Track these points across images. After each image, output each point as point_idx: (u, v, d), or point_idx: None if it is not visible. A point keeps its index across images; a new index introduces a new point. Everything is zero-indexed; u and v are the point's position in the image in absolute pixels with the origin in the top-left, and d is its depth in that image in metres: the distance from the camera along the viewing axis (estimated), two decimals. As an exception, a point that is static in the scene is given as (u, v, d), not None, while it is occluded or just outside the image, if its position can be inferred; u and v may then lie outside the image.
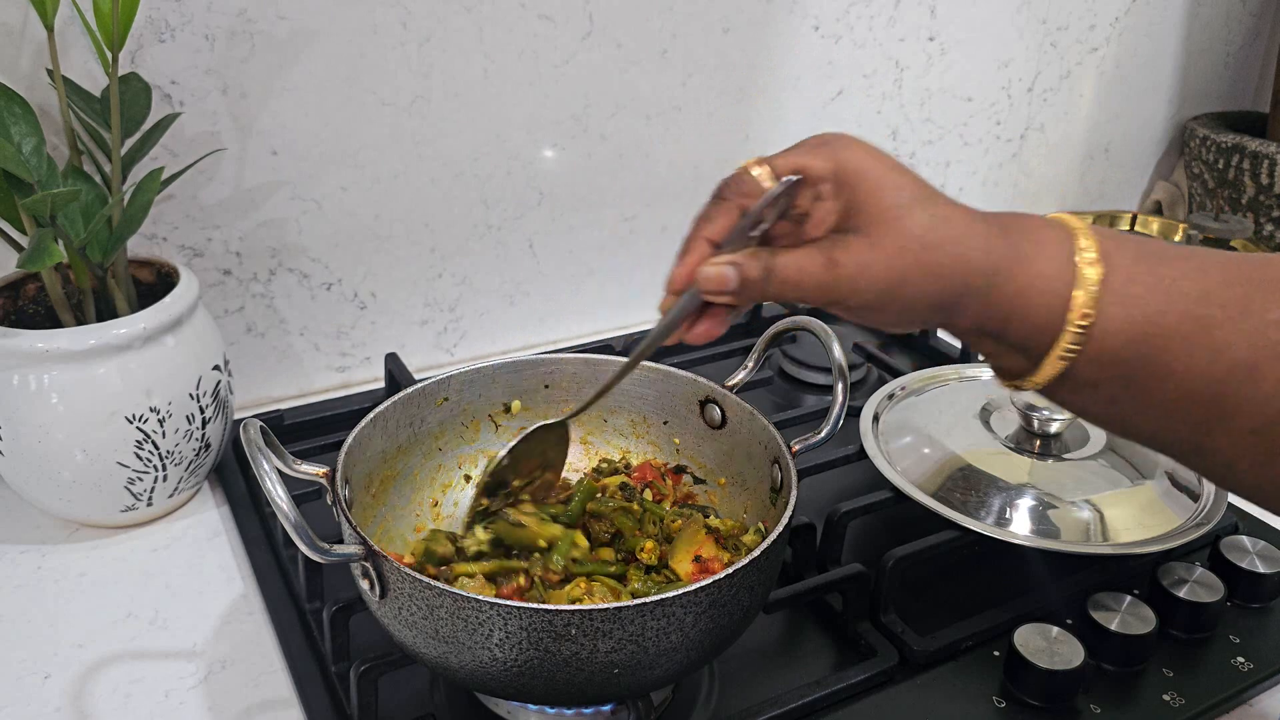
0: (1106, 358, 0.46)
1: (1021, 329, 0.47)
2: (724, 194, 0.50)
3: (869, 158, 0.47)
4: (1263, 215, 1.24)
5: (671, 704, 0.61)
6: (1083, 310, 0.45)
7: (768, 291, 0.47)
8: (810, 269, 0.46)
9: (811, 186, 0.48)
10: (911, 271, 0.45)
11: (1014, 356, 0.48)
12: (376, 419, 0.63)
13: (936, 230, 0.46)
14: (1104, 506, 0.71)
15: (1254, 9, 1.38)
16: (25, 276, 0.75)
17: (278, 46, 0.80)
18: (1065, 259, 0.46)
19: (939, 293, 0.46)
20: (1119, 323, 0.45)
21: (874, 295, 0.46)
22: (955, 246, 0.46)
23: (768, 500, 0.64)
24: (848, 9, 1.05)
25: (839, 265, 0.46)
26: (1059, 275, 0.46)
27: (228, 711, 0.61)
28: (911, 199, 0.46)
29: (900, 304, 0.46)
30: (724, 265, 0.47)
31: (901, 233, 0.45)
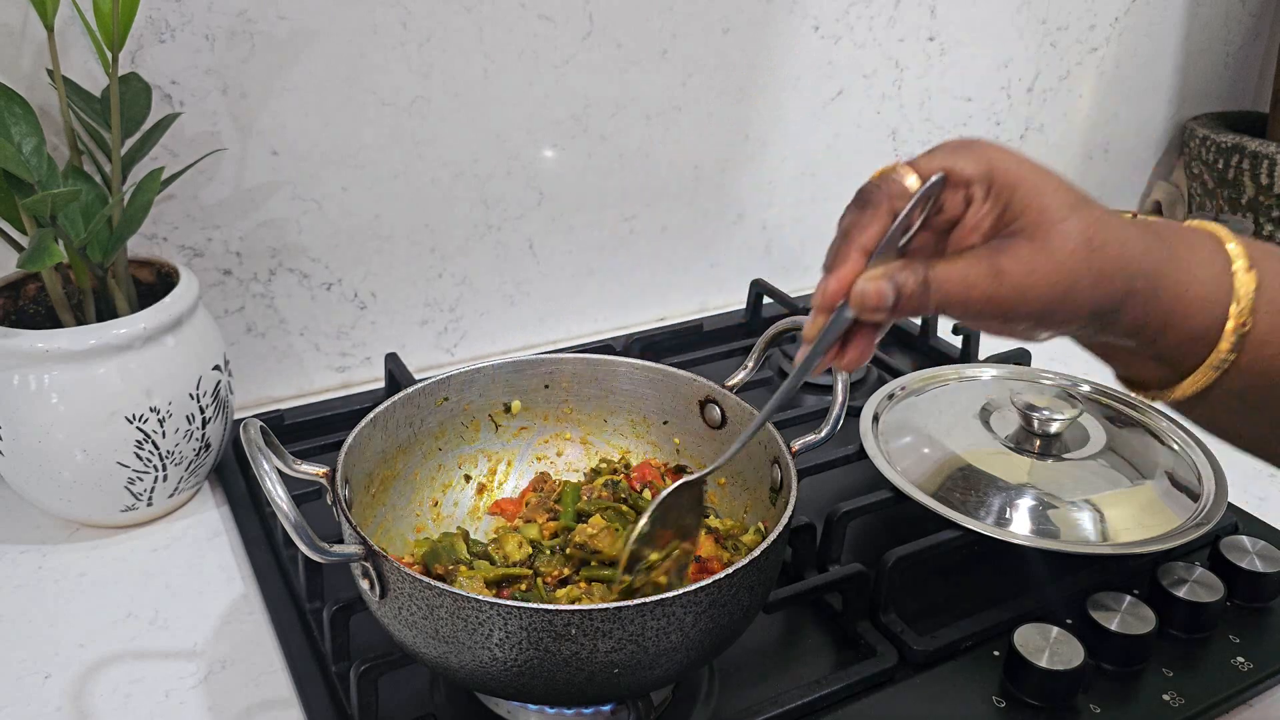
0: (1258, 366, 0.45)
1: (1177, 335, 0.45)
2: (871, 198, 0.46)
3: (1019, 160, 0.45)
4: (1262, 215, 1.24)
5: (671, 704, 0.61)
6: (1240, 319, 0.44)
7: (927, 305, 0.44)
8: (975, 279, 0.44)
9: (959, 189, 0.46)
10: (1081, 275, 0.43)
11: (1154, 366, 0.47)
12: (376, 419, 0.63)
13: (1101, 232, 0.44)
14: (1104, 506, 0.71)
15: (1254, 9, 1.38)
16: (25, 276, 0.75)
17: (278, 46, 0.80)
18: (1220, 266, 0.45)
19: (1106, 296, 0.44)
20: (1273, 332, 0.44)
21: (1043, 303, 0.43)
22: (1120, 248, 0.44)
23: (768, 500, 0.64)
24: (848, 9, 1.05)
25: (1005, 273, 0.43)
26: (1214, 281, 0.45)
27: (228, 711, 0.61)
28: (1073, 201, 0.44)
29: (1067, 311, 0.44)
30: (881, 280, 0.44)
31: (1069, 235, 0.43)
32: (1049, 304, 0.43)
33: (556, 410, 0.72)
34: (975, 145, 0.46)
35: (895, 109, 1.13)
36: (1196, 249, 0.45)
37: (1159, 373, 0.47)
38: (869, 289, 0.44)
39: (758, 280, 1.07)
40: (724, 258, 1.11)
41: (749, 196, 1.09)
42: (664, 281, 1.08)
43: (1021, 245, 0.44)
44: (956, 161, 0.45)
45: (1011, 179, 0.44)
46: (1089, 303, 0.44)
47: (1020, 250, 0.43)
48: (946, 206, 0.46)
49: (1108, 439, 0.77)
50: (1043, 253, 0.43)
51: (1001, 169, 0.45)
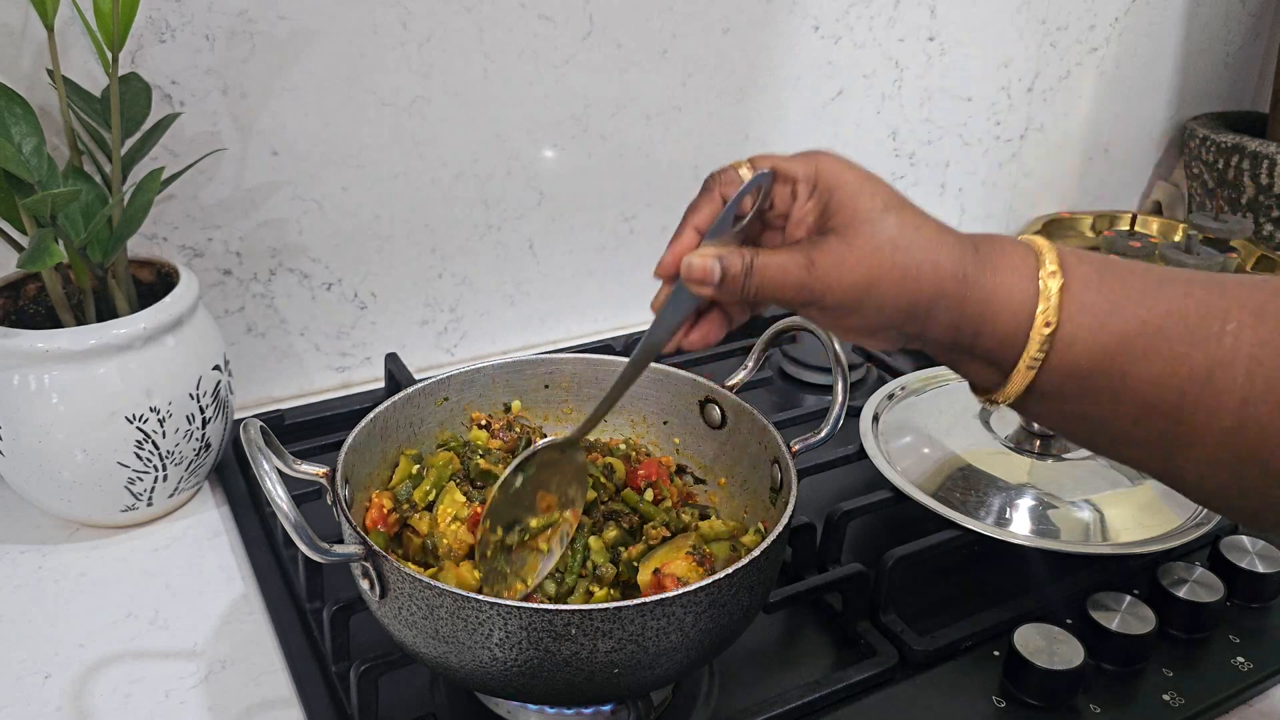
0: (1069, 368, 0.47)
1: (990, 339, 0.48)
2: (708, 186, 0.52)
3: (846, 167, 0.50)
4: (1262, 215, 1.24)
5: (671, 704, 0.61)
6: (1045, 319, 0.47)
7: (749, 287, 0.49)
8: (790, 268, 0.48)
9: (789, 184, 0.50)
10: (884, 272, 0.47)
11: (985, 370, 0.50)
12: (376, 419, 0.63)
13: (908, 235, 0.47)
14: (1104, 506, 0.72)
15: (1254, 9, 1.38)
16: (25, 276, 0.75)
17: (278, 46, 0.80)
18: (1029, 271, 0.48)
19: (911, 296, 0.47)
20: (1080, 331, 0.47)
21: (847, 295, 0.47)
22: (926, 252, 0.47)
23: (768, 500, 0.64)
24: (848, 9, 1.05)
25: (815, 265, 0.47)
26: (1024, 286, 0.47)
27: (228, 711, 0.61)
28: (885, 205, 0.48)
29: (873, 305, 0.47)
30: (709, 257, 0.49)
31: (875, 235, 0.47)
32: (855, 295, 0.47)
33: (556, 410, 0.72)
34: (815, 153, 0.51)
35: (895, 109, 1.13)
36: (1011, 257, 0.48)
37: (991, 376, 0.50)
38: (695, 262, 0.49)
39: (758, 280, 1.07)
40: (724, 258, 1.10)
41: (749, 196, 1.09)
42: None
43: (833, 240, 0.48)
44: (788, 161, 0.50)
45: (832, 182, 0.49)
46: (894, 299, 0.47)
47: (831, 244, 0.48)
48: (776, 202, 0.51)
49: (1108, 439, 0.77)
50: (850, 248, 0.47)
51: (826, 171, 0.49)
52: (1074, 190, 1.35)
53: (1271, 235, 1.25)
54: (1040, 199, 1.33)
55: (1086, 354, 0.47)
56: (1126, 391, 0.46)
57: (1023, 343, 0.47)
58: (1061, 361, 0.47)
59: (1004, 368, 0.48)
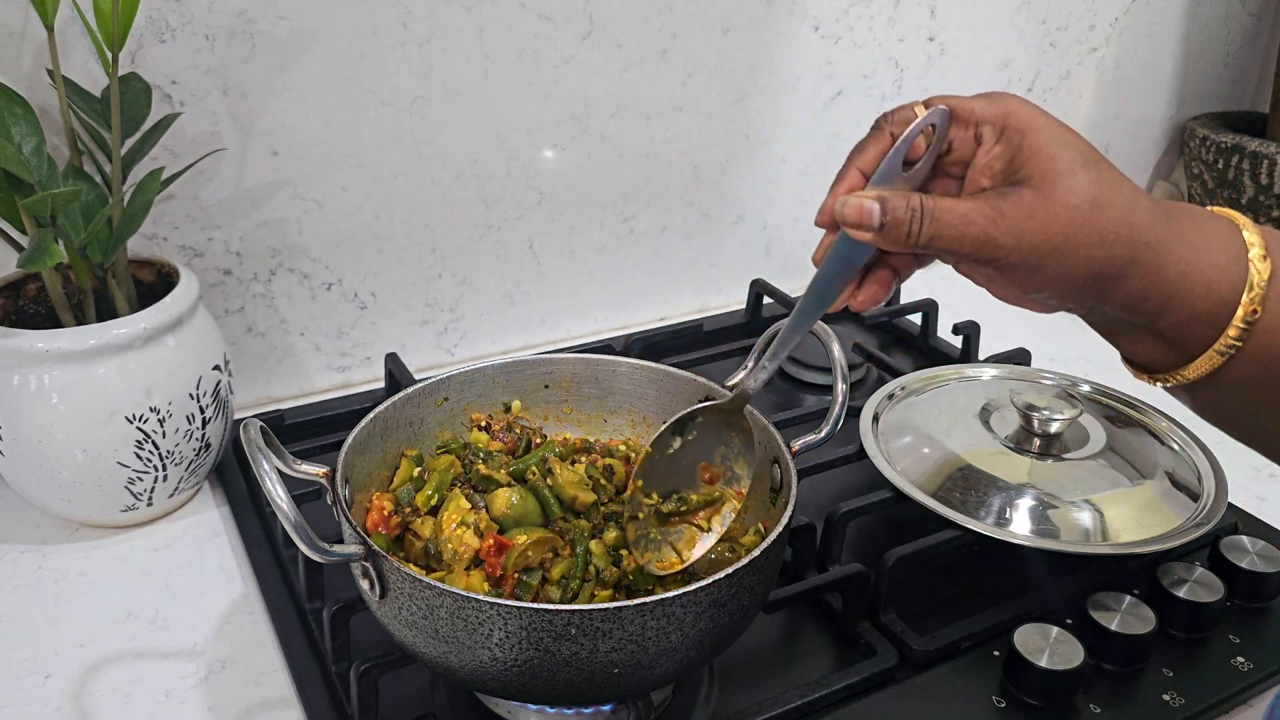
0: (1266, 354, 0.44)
1: (1180, 315, 0.44)
2: (879, 124, 0.47)
3: (1040, 111, 0.45)
4: (1262, 215, 1.24)
5: (671, 704, 0.61)
6: (1252, 306, 0.44)
7: (921, 234, 0.44)
8: (974, 217, 0.43)
9: (970, 128, 0.46)
10: (1078, 232, 0.43)
11: (1158, 347, 0.46)
12: (376, 419, 0.63)
13: (1108, 194, 0.43)
14: (1104, 506, 0.71)
15: (1253, 9, 1.38)
16: (25, 276, 0.75)
17: (278, 47, 0.80)
18: (1234, 250, 0.44)
19: (1103, 260, 0.43)
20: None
21: (1036, 252, 0.43)
22: (1125, 213, 0.43)
23: (768, 500, 0.64)
24: (848, 9, 1.05)
25: (1004, 215, 0.43)
26: (1227, 265, 0.44)
27: (228, 711, 0.61)
28: (1084, 157, 0.44)
29: (1059, 266, 0.43)
30: (869, 200, 0.44)
31: (1073, 189, 0.43)
32: (1043, 254, 0.43)
33: (556, 410, 0.72)
34: (1002, 94, 0.46)
35: (895, 109, 1.13)
36: (1209, 231, 0.45)
37: (1163, 355, 0.46)
38: (851, 201, 0.44)
39: (758, 280, 1.07)
40: (724, 258, 1.11)
41: (749, 196, 1.09)
42: (664, 281, 1.08)
43: (1025, 192, 0.43)
44: (972, 102, 0.45)
45: (1024, 125, 0.44)
46: (1085, 262, 0.43)
47: (1023, 196, 0.43)
48: (955, 146, 0.46)
49: (1108, 439, 0.77)
50: (1045, 201, 0.43)
51: (1017, 115, 0.45)
52: (1074, 190, 1.35)
53: (1271, 235, 1.25)
54: (1040, 199, 1.33)
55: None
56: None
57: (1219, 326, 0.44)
58: (1257, 349, 0.44)
59: (1184, 349, 0.45)
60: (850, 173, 0.46)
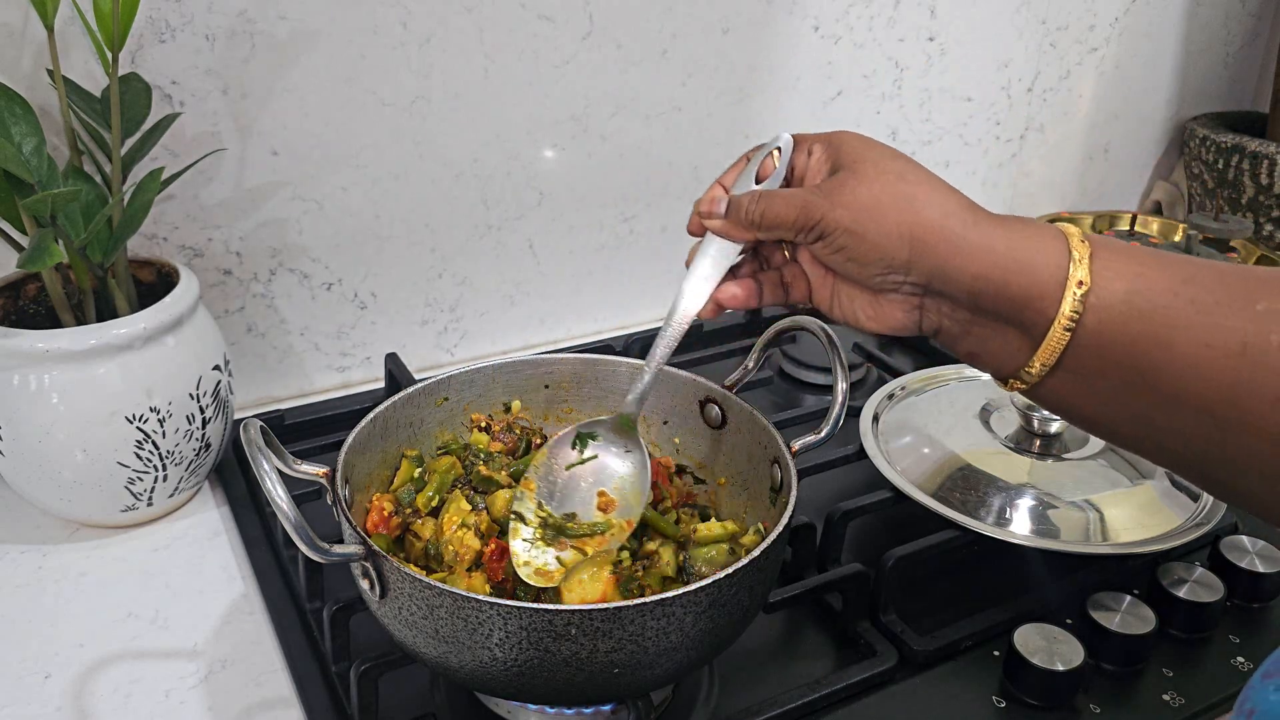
0: (1108, 333, 0.45)
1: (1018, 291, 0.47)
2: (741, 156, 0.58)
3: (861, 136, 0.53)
4: (1262, 215, 1.24)
5: (671, 704, 0.61)
6: (1077, 278, 0.46)
7: (754, 213, 0.53)
8: (797, 193, 0.52)
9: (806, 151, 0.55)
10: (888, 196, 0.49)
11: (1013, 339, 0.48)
12: (376, 419, 0.63)
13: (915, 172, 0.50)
14: (1104, 506, 0.72)
15: (1253, 9, 1.38)
16: (25, 276, 0.75)
17: (278, 47, 0.80)
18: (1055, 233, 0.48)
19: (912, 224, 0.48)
20: (1114, 295, 0.45)
21: (849, 215, 0.49)
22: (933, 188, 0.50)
23: (768, 500, 0.64)
24: (848, 9, 1.05)
25: (821, 189, 0.51)
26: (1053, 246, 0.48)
27: (228, 711, 0.61)
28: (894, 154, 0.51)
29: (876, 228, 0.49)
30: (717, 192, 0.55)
31: (880, 166, 0.50)
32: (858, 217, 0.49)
33: (556, 410, 0.72)
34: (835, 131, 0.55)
35: (895, 109, 1.13)
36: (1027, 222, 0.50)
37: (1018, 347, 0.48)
38: (704, 197, 0.56)
39: (758, 280, 1.07)
40: (724, 258, 1.10)
41: (749, 196, 1.09)
42: (664, 281, 1.08)
43: (842, 173, 0.51)
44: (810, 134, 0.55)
45: (846, 139, 0.53)
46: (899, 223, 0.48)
47: (839, 176, 0.51)
48: (796, 169, 0.55)
49: (1108, 439, 0.77)
50: (855, 176, 0.50)
51: (842, 135, 0.53)
52: (1074, 190, 1.35)
53: (1271, 235, 1.25)
54: (1040, 199, 1.33)
55: (1122, 320, 0.45)
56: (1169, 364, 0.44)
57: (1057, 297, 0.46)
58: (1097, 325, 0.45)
59: (1033, 332, 0.47)
60: (714, 188, 0.57)
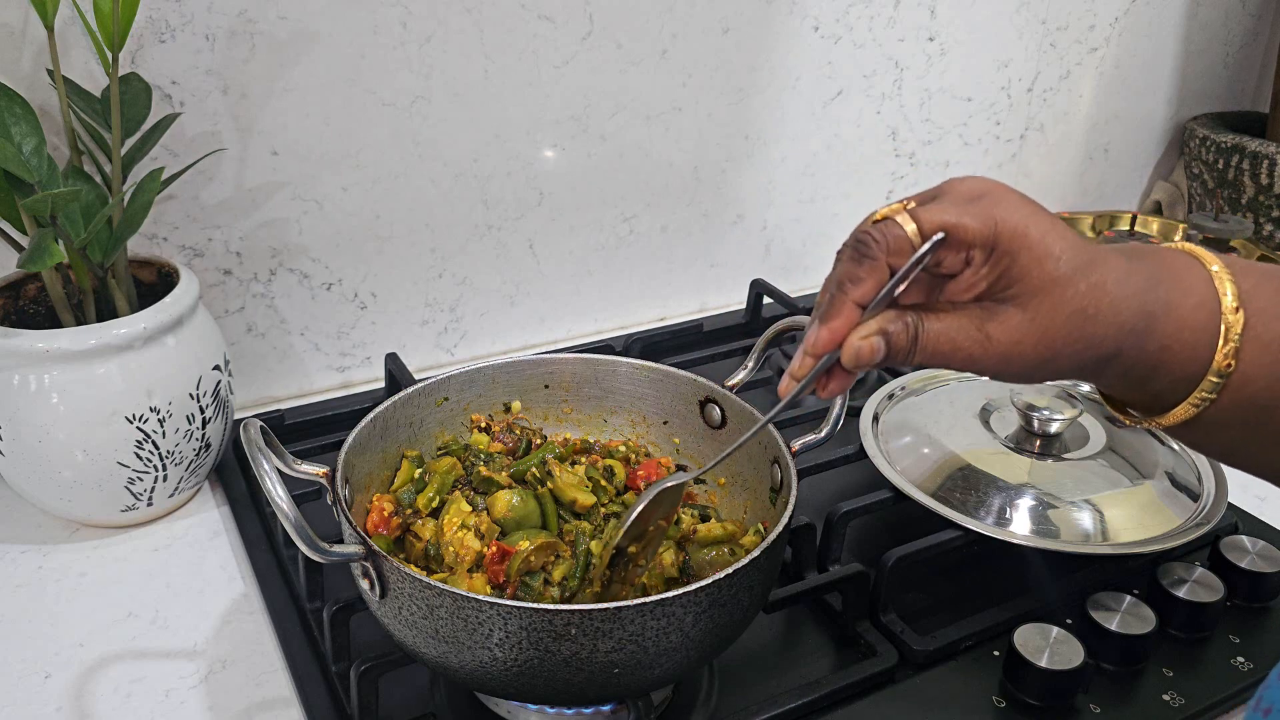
0: (1244, 401, 0.45)
1: (1165, 380, 0.46)
2: (868, 252, 0.45)
3: (1029, 219, 0.44)
4: (1262, 215, 1.24)
5: (671, 704, 0.61)
6: (1224, 362, 0.44)
7: (913, 358, 0.45)
8: (962, 342, 0.44)
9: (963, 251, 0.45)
10: (1066, 345, 0.44)
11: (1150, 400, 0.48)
12: (376, 419, 0.63)
13: (1095, 302, 0.44)
14: (1104, 506, 0.71)
15: (1253, 9, 1.38)
16: (26, 276, 0.75)
17: (278, 47, 0.80)
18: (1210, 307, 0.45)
19: (1092, 360, 0.45)
20: (1259, 370, 0.45)
21: (1027, 368, 0.45)
22: (1113, 315, 0.44)
23: (768, 500, 0.64)
24: (848, 9, 1.05)
25: (993, 340, 0.44)
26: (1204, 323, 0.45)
27: (228, 711, 0.61)
28: (1073, 269, 0.44)
29: (1050, 372, 0.45)
30: (875, 336, 0.45)
31: (1059, 307, 0.43)
32: (1032, 369, 0.45)
33: (556, 410, 0.72)
34: (987, 198, 0.45)
35: (895, 109, 1.13)
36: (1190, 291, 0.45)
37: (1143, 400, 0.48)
38: (863, 346, 0.45)
39: (758, 280, 1.07)
40: (724, 258, 1.11)
41: (749, 196, 1.09)
42: (664, 281, 1.08)
43: (1013, 314, 0.44)
44: (962, 218, 0.44)
45: (1015, 245, 0.44)
46: (1072, 366, 0.45)
47: (1011, 319, 0.44)
48: (945, 263, 0.45)
49: (1108, 439, 0.77)
50: (1033, 324, 0.44)
51: (1007, 232, 0.44)
52: (1074, 190, 1.35)
53: (1271, 235, 1.25)
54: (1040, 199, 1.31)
55: (1265, 390, 0.45)
56: None
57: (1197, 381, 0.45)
58: (1235, 398, 0.45)
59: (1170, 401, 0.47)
60: (846, 309, 0.46)
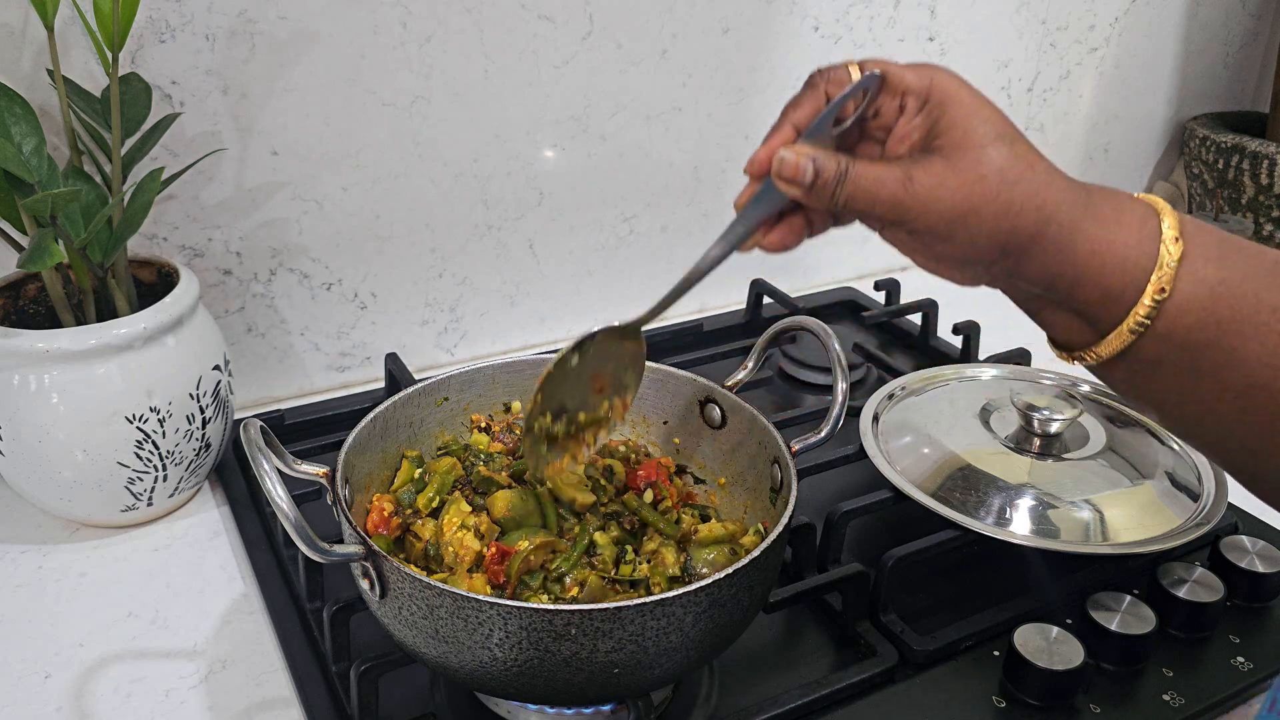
0: (1177, 335, 0.45)
1: (1092, 292, 0.46)
2: (814, 80, 0.49)
3: (963, 85, 0.47)
4: (1262, 215, 1.24)
5: (671, 704, 0.61)
6: (1160, 284, 0.44)
7: (840, 196, 0.46)
8: (887, 181, 0.46)
9: (898, 96, 0.48)
10: (985, 203, 0.45)
11: (1077, 325, 0.48)
12: (376, 419, 0.63)
13: (1018, 169, 0.45)
14: (1104, 506, 0.71)
15: (1253, 9, 1.38)
16: (26, 276, 0.75)
17: (278, 47, 0.80)
18: (1148, 231, 0.45)
19: (1009, 231, 0.45)
20: (1194, 301, 0.45)
21: (941, 219, 0.45)
22: (1034, 188, 0.45)
23: (768, 500, 0.64)
24: (848, 9, 1.05)
25: (914, 182, 0.45)
26: (1139, 245, 0.45)
27: (228, 711, 0.61)
28: (998, 133, 0.46)
29: (966, 235, 0.45)
30: (804, 155, 0.47)
31: (982, 161, 0.45)
32: (950, 221, 0.45)
33: (556, 410, 0.72)
34: (931, 65, 0.48)
35: (895, 109, 1.13)
36: (1126, 212, 0.46)
37: (1080, 332, 0.48)
38: (788, 157, 0.47)
39: (758, 280, 1.07)
40: (724, 258, 1.10)
41: (749, 196, 1.09)
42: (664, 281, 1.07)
43: (937, 161, 0.46)
44: (902, 70, 0.48)
45: (945, 98, 0.46)
46: (992, 232, 0.45)
47: (934, 164, 0.46)
48: (882, 112, 0.48)
49: (1108, 439, 0.77)
50: (953, 171, 0.45)
51: (941, 87, 0.47)
52: (1074, 190, 1.35)
53: (1271, 235, 1.25)
54: (1040, 199, 1.33)
55: (1197, 325, 0.44)
56: (1233, 367, 0.44)
57: (1129, 303, 0.45)
58: (1168, 329, 0.45)
59: (1100, 326, 0.47)
60: (785, 127, 0.49)
